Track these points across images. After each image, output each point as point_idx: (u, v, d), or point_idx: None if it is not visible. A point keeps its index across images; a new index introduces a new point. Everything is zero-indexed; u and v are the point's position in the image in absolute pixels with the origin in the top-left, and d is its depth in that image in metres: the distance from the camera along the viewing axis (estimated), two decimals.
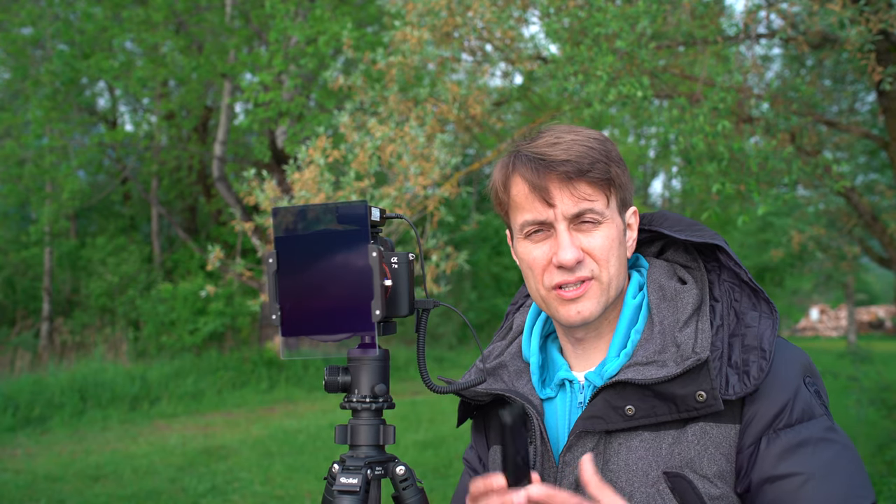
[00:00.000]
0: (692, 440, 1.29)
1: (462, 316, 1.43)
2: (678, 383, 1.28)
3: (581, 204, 1.32)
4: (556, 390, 1.44)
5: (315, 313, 1.29)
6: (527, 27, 14.24)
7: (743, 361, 1.29)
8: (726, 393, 1.27)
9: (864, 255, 10.42)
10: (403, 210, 5.80)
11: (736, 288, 1.39)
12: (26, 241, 18.04)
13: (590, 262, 1.35)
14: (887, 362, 14.00)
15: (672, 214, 1.48)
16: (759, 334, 1.31)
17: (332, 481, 1.34)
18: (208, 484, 7.52)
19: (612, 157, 1.35)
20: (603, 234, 1.34)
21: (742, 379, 1.28)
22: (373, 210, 1.31)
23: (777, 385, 1.29)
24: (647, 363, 1.32)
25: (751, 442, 1.28)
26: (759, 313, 1.35)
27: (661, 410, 1.30)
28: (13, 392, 11.03)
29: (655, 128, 11.95)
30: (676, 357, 1.30)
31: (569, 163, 1.31)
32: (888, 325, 39.11)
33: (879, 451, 7.56)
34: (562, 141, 1.34)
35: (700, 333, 1.31)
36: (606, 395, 1.32)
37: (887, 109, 5.79)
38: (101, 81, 19.01)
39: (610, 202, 1.35)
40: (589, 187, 1.33)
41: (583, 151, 1.32)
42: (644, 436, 1.32)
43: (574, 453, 1.35)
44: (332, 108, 11.72)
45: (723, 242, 1.40)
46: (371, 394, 1.33)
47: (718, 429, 1.29)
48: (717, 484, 1.28)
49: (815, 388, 1.34)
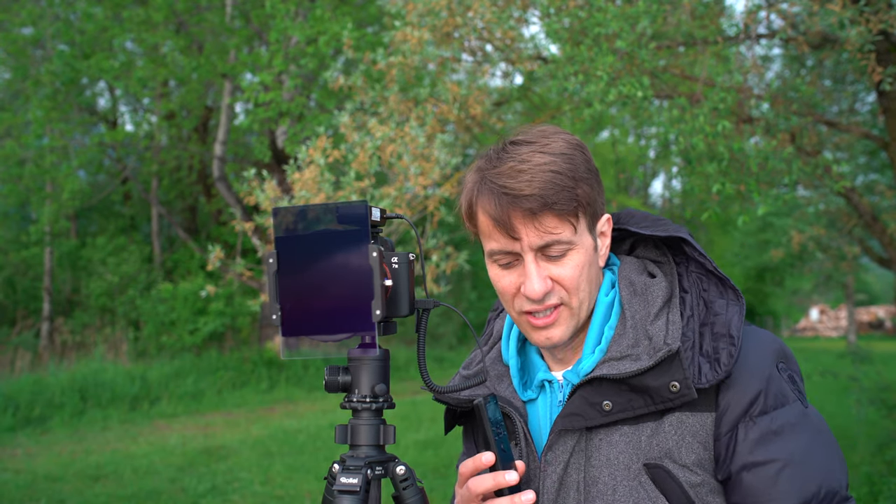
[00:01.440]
0: (669, 431, 1.31)
1: (462, 316, 1.44)
2: (651, 375, 1.29)
3: (547, 237, 1.31)
4: (538, 391, 1.46)
5: (315, 313, 1.29)
6: (527, 27, 14.24)
7: (713, 349, 1.31)
8: (699, 382, 1.28)
9: (864, 255, 10.42)
10: (403, 210, 5.80)
11: (703, 278, 1.40)
12: (26, 241, 18.04)
13: (558, 290, 1.35)
14: (887, 362, 14.00)
15: (638, 212, 1.49)
16: (727, 321, 1.33)
17: (332, 481, 1.34)
18: (208, 484, 7.52)
19: (579, 175, 1.32)
20: (572, 262, 1.34)
21: (714, 367, 1.29)
22: (373, 210, 1.31)
23: (749, 372, 1.31)
24: (620, 358, 1.33)
25: (727, 430, 1.30)
26: (727, 301, 1.36)
27: (638, 403, 1.31)
28: (13, 392, 11.03)
29: (655, 128, 11.94)
30: (649, 350, 1.32)
31: (532, 197, 1.28)
32: (888, 325, 39.11)
33: (879, 451, 7.55)
34: (526, 168, 1.30)
35: (671, 325, 1.33)
36: (583, 392, 1.34)
37: (887, 110, 5.79)
38: (101, 81, 19.01)
39: (578, 226, 1.33)
40: (555, 219, 1.30)
41: (547, 180, 1.29)
42: (624, 430, 1.34)
43: (556, 452, 1.37)
44: (333, 108, 11.72)
45: (686, 234, 1.42)
46: (371, 394, 1.33)
47: (694, 417, 1.31)
48: (697, 472, 1.30)
49: (789, 372, 1.35)
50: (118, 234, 20.90)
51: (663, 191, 35.03)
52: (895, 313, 38.18)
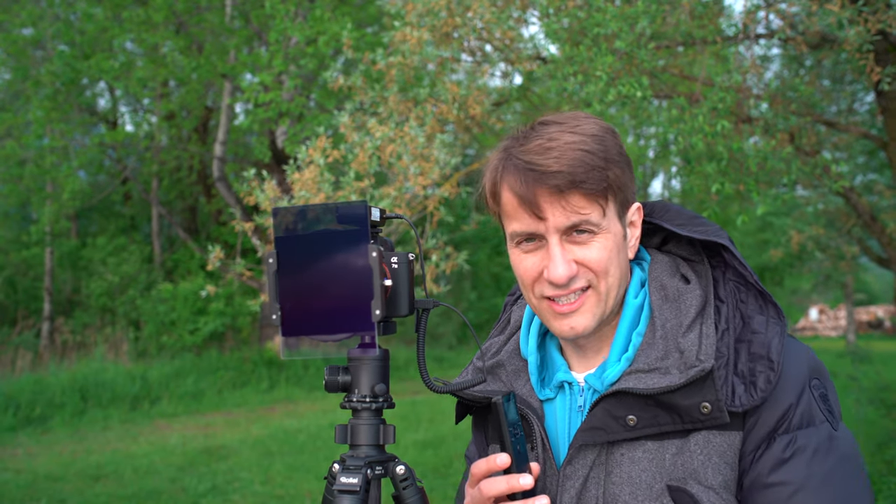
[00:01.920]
0: (695, 450, 1.23)
1: (462, 316, 1.43)
2: (682, 394, 1.21)
3: (574, 217, 1.24)
4: (556, 391, 1.39)
5: (315, 313, 1.29)
6: (526, 27, 14.23)
7: (749, 371, 1.22)
8: (732, 404, 1.21)
9: (863, 254, 10.42)
10: (403, 210, 5.80)
11: (742, 288, 1.31)
12: (27, 241, 18.04)
13: (585, 272, 1.28)
14: (886, 362, 14.00)
15: (674, 206, 1.40)
16: (766, 342, 1.23)
17: (332, 481, 1.35)
18: (208, 484, 7.52)
19: (610, 157, 1.25)
20: (599, 244, 1.26)
21: (749, 390, 1.21)
22: (373, 210, 1.30)
23: (781, 389, 1.23)
24: (649, 370, 1.25)
25: (752, 448, 1.23)
26: (767, 318, 1.27)
27: (664, 420, 1.24)
28: (14, 392, 11.04)
29: (655, 128, 11.92)
30: (679, 364, 1.23)
31: (560, 174, 1.22)
32: (887, 324, 39.10)
33: (879, 450, 7.56)
34: (555, 145, 1.24)
35: (704, 339, 1.24)
36: (607, 405, 1.26)
37: (886, 109, 5.79)
38: (101, 82, 19.00)
39: (607, 210, 1.26)
40: (583, 199, 1.23)
41: (577, 158, 1.22)
42: (647, 446, 1.26)
43: (575, 466, 1.30)
44: (332, 108, 11.73)
45: (727, 241, 1.32)
46: (371, 393, 1.33)
47: (722, 437, 1.23)
48: (723, 495, 1.22)
49: (821, 391, 1.26)
50: (118, 234, 20.90)
51: (663, 190, 35.01)
52: (894, 313, 38.16)
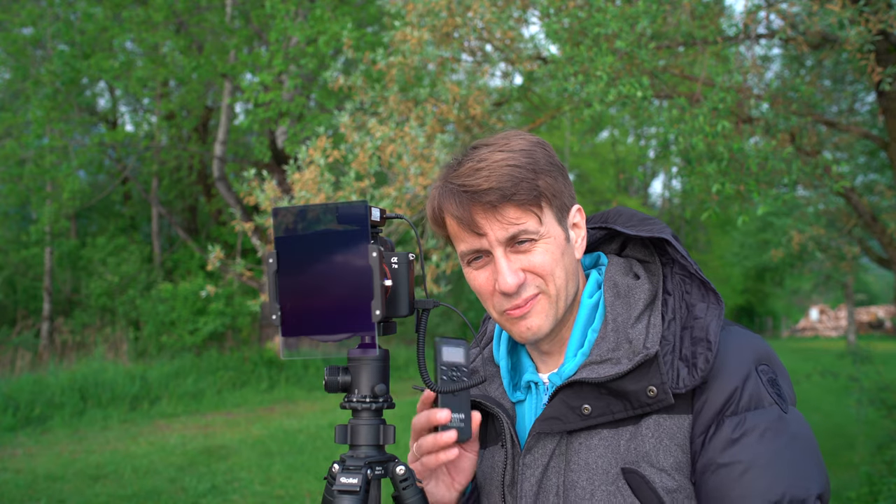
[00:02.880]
0: (647, 434, 1.30)
1: (462, 316, 1.44)
2: (630, 379, 1.29)
3: (511, 228, 1.31)
4: (525, 393, 1.47)
5: (315, 313, 1.29)
6: (527, 27, 14.24)
7: (692, 354, 1.29)
8: (676, 386, 1.28)
9: (864, 255, 10.40)
10: (403, 210, 5.79)
11: (686, 280, 1.39)
12: (27, 241, 18.04)
13: (533, 278, 1.35)
14: (887, 362, 13.98)
15: (626, 210, 1.48)
16: (705, 325, 1.31)
17: (332, 481, 1.34)
18: (208, 484, 7.52)
19: (539, 168, 1.33)
20: (542, 249, 1.33)
21: (691, 372, 1.28)
22: (373, 210, 1.30)
23: (726, 372, 1.29)
24: (601, 361, 1.33)
25: (701, 430, 1.29)
26: (707, 304, 1.34)
27: (617, 408, 1.31)
28: (13, 392, 11.04)
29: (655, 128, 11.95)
30: (629, 353, 1.31)
31: (491, 191, 1.29)
32: (888, 325, 39.10)
33: (879, 451, 7.55)
34: (483, 165, 1.31)
35: (651, 328, 1.32)
36: (563, 396, 1.34)
37: (887, 110, 5.79)
38: (101, 81, 19.02)
39: (543, 217, 1.33)
40: (517, 210, 1.31)
41: (505, 174, 1.30)
42: (603, 434, 1.33)
43: (535, 455, 1.37)
44: (333, 108, 11.73)
45: (669, 235, 1.40)
46: (371, 394, 1.34)
47: (672, 420, 1.30)
48: (675, 476, 1.28)
49: (770, 375, 1.32)
50: (118, 234, 20.90)
51: (663, 191, 35.04)
52: (895, 313, 38.17)
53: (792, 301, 44.09)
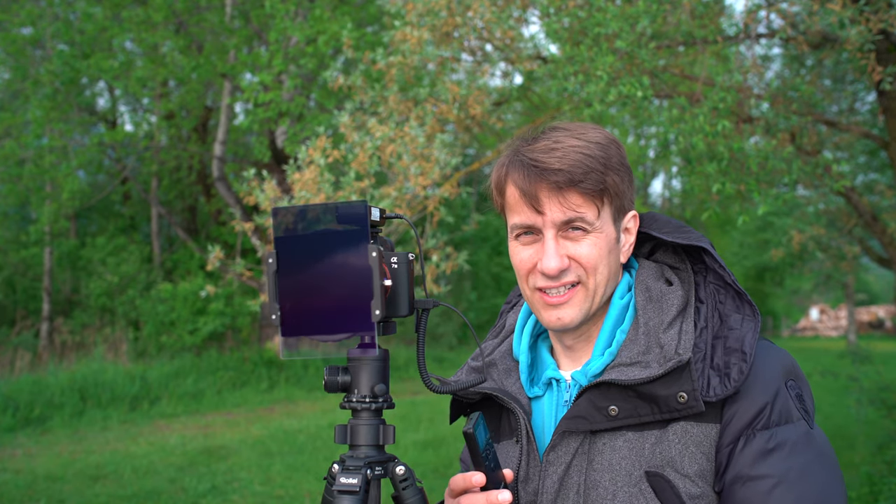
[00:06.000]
0: (673, 439, 1.30)
1: (462, 316, 1.43)
2: (660, 384, 1.30)
3: (570, 213, 1.33)
4: (544, 389, 1.47)
5: (315, 313, 1.29)
6: (527, 27, 14.24)
7: (724, 364, 1.31)
8: (707, 394, 1.28)
9: (864, 255, 10.41)
10: (403, 210, 5.79)
11: (721, 290, 1.41)
12: (26, 241, 18.03)
13: (576, 267, 1.36)
14: (887, 362, 13.98)
15: (661, 216, 1.50)
16: (741, 336, 1.32)
17: (331, 481, 1.34)
18: (208, 484, 7.52)
19: (611, 164, 1.35)
20: (591, 242, 1.35)
21: (723, 381, 1.29)
22: (373, 210, 1.30)
23: (757, 386, 1.30)
24: (630, 364, 1.34)
25: (729, 441, 1.30)
26: (742, 316, 1.36)
27: (644, 411, 1.32)
28: (13, 392, 11.03)
29: (655, 128, 11.94)
30: (660, 358, 1.32)
31: (561, 172, 1.32)
32: (888, 324, 39.10)
33: (879, 451, 7.55)
34: (559, 147, 1.34)
35: (683, 335, 1.33)
36: (590, 396, 1.34)
37: (887, 109, 5.79)
38: (101, 81, 19.01)
39: (602, 212, 1.35)
40: (580, 197, 1.33)
41: (578, 160, 1.32)
42: (628, 436, 1.33)
43: (558, 452, 1.37)
44: (332, 108, 11.72)
45: (708, 245, 1.41)
46: (371, 394, 1.33)
47: (699, 428, 1.30)
48: (698, 483, 1.29)
49: (797, 391, 1.34)
50: (118, 234, 20.89)
51: (663, 190, 35.05)
52: (895, 313, 38.17)
53: (792, 301, 44.10)
